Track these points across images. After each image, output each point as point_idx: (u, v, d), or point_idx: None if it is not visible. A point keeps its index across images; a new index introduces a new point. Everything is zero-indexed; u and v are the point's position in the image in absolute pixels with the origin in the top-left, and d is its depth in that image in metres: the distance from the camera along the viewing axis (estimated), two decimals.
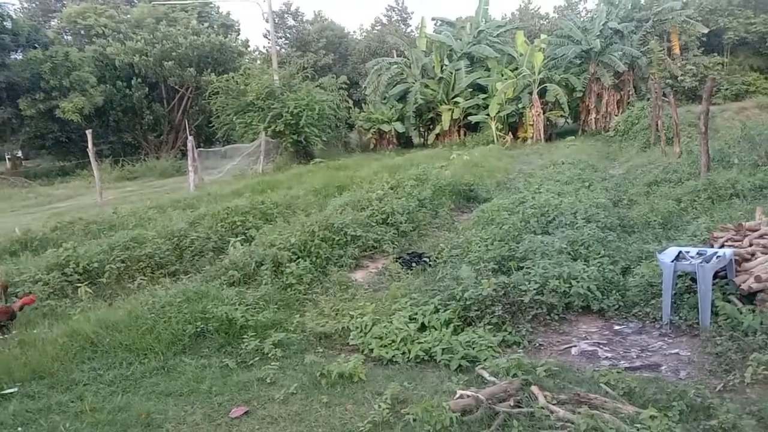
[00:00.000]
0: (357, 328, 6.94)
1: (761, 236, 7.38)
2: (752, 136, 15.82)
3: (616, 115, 28.64)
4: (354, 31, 59.87)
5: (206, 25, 41.44)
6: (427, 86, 33.36)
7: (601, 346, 6.42)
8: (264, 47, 52.28)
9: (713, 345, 5.94)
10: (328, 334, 7.09)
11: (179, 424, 5.38)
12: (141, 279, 9.53)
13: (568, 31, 31.96)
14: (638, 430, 4.45)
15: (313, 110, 28.22)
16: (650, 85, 23.88)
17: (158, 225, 11.90)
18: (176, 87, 39.74)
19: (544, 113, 29.97)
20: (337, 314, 7.52)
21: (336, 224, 10.65)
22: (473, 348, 6.25)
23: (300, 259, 9.29)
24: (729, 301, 6.54)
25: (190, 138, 22.60)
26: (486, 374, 5.75)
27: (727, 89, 35.15)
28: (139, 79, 38.10)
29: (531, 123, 29.85)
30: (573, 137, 28.91)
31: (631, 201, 12.64)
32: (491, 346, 6.29)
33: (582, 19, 36.07)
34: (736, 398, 5.07)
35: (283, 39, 52.87)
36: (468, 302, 7.10)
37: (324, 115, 29.28)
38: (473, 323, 6.88)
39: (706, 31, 34.01)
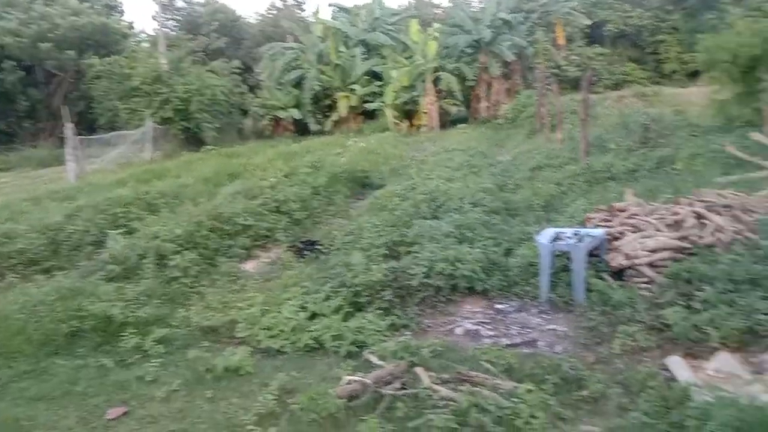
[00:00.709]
0: (245, 319, 6.78)
1: (630, 216, 7.91)
2: (627, 123, 16.94)
3: (504, 104, 29.74)
4: (248, 16, 58.19)
5: (87, 4, 38.78)
6: (323, 73, 33.07)
7: (484, 325, 6.66)
8: (154, 30, 49.76)
9: (586, 320, 6.31)
10: (214, 327, 6.89)
11: (50, 429, 5.05)
12: (12, 277, 8.81)
13: (460, 21, 32.70)
14: (516, 404, 4.64)
15: (204, 95, 27.23)
16: (536, 74, 24.95)
17: (32, 218, 11.05)
18: (54, 71, 36.96)
19: (438, 101, 30.59)
20: (224, 306, 7.31)
21: (225, 213, 10.34)
22: (363, 333, 6.28)
23: (186, 251, 8.93)
24: (601, 278, 6.97)
25: (70, 125, 21.12)
26: (374, 358, 5.79)
27: (607, 79, 37.30)
28: (13, 62, 35.06)
29: (425, 111, 30.38)
30: (465, 125, 29.73)
31: (516, 185, 13.16)
32: (380, 331, 6.36)
33: (473, 9, 37.05)
34: (606, 369, 5.41)
35: (173, 21, 50.51)
36: (358, 288, 7.13)
37: (216, 101, 28.32)
38: (363, 309, 6.90)
39: (588, 23, 35.99)
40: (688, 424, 4.11)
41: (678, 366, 5.19)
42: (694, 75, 31.23)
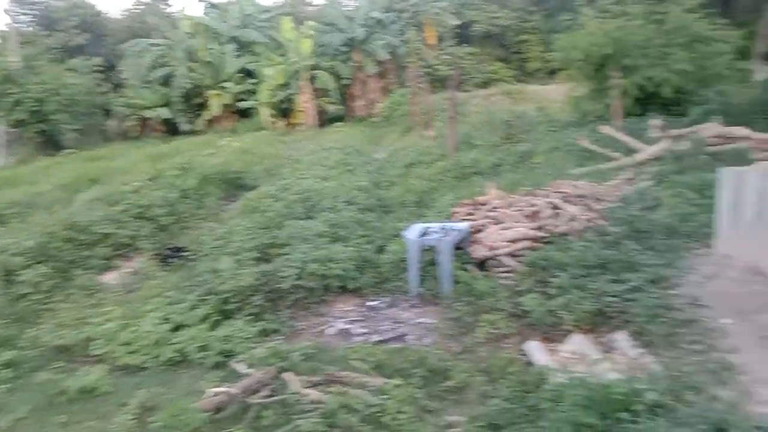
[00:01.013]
0: (102, 336, 6.33)
1: (492, 209, 8.24)
2: (493, 120, 17.74)
3: (379, 102, 30.16)
4: (111, 12, 54.75)
5: None
6: (193, 70, 31.78)
7: (356, 323, 6.67)
8: (6, 25, 45.37)
9: (453, 311, 6.49)
10: (67, 346, 6.37)
11: None
12: None
13: (334, 19, 32.73)
14: (384, 400, 4.67)
15: (62, 95, 25.24)
16: (409, 73, 25.49)
17: None
18: None
19: (314, 99, 30.42)
20: (79, 323, 6.77)
21: (82, 222, 9.61)
22: (231, 342, 6.07)
23: (38, 265, 8.20)
24: (466, 270, 7.21)
25: None
26: (242, 367, 5.62)
27: (476, 78, 38.80)
28: None
29: (302, 109, 30.12)
30: (342, 123, 29.82)
31: (391, 182, 13.34)
32: (249, 338, 6.17)
33: (347, 8, 37.18)
34: (470, 358, 5.60)
35: (28, 16, 46.37)
36: (227, 295, 6.89)
37: (75, 101, 26.35)
38: (232, 316, 6.68)
39: (456, 23, 37.22)
40: (544, 406, 4.32)
41: (536, 350, 5.47)
42: (554, 73, 33.30)
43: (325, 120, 31.16)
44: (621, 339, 5.43)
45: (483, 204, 8.56)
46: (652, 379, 4.33)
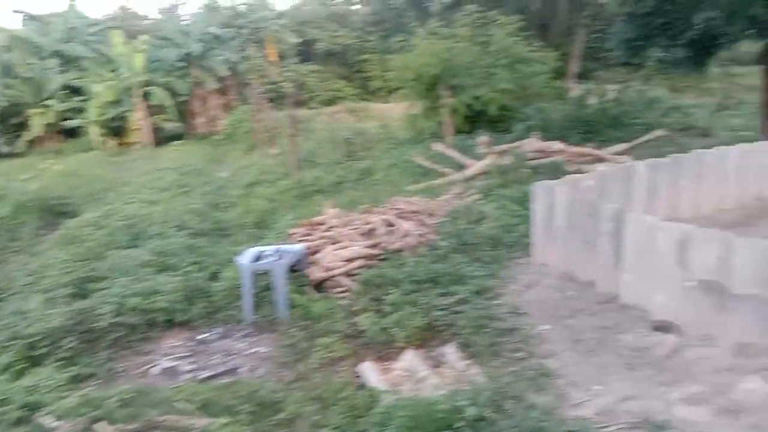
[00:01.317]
0: None
1: (328, 229, 8.19)
2: (335, 137, 17.85)
3: (221, 119, 29.28)
4: None
5: None
6: (10, 87, 28.76)
7: (184, 360, 6.24)
8: None
9: (288, 337, 6.29)
10: None
11: None
12: None
13: (169, 34, 31.34)
14: None
15: None
16: (251, 90, 25.01)
17: None
18: None
19: (150, 117, 28.79)
20: None
21: None
22: (37, 392, 5.38)
23: None
24: (304, 293, 7.06)
25: None
26: (49, 420, 4.98)
27: (321, 95, 39.08)
28: None
29: (136, 127, 28.37)
30: (182, 141, 28.52)
31: (231, 203, 12.89)
32: (59, 386, 5.51)
33: (184, 22, 35.81)
34: (304, 385, 5.42)
35: None
36: (34, 339, 6.13)
37: None
38: (41, 362, 5.95)
39: (297, 41, 37.25)
40: (372, 430, 4.26)
41: (369, 371, 5.43)
42: (394, 92, 34.46)
43: (163, 138, 29.62)
44: (450, 352, 5.56)
45: (320, 224, 8.48)
46: (475, 392, 4.43)
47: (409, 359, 5.60)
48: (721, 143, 10.52)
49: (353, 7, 45.99)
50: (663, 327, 5.23)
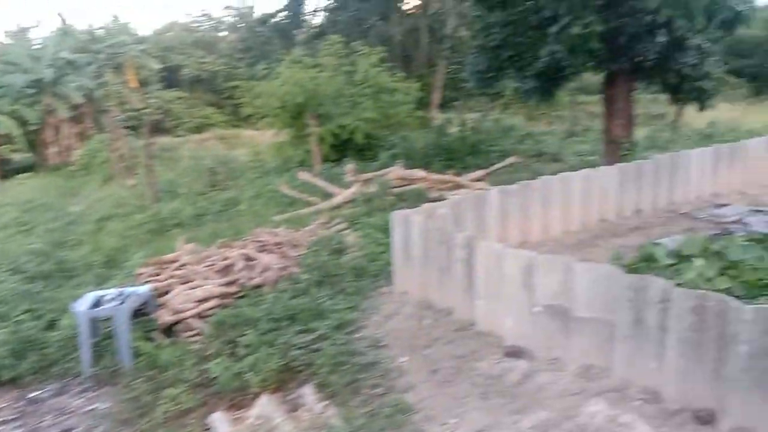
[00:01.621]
0: None
1: (180, 267, 7.68)
2: (199, 166, 17.12)
3: (76, 149, 27.28)
4: None
5: None
6: None
7: (9, 423, 5.49)
8: None
9: (131, 390, 5.73)
10: None
11: None
12: None
13: (16, 59, 28.86)
14: None
15: None
16: (109, 117, 23.53)
17: None
18: None
19: None
20: None
21: None
22: None
23: None
24: (150, 339, 6.51)
25: None
26: None
27: (188, 122, 37.65)
28: None
29: None
30: (31, 173, 26.20)
31: (79, 241, 11.83)
32: None
33: (35, 46, 33.19)
34: None
35: None
36: None
37: None
38: None
39: (159, 66, 35.73)
40: None
41: (219, 422, 5.05)
42: (263, 119, 33.96)
43: (10, 171, 27.09)
44: (307, 393, 5.31)
45: (172, 261, 7.93)
46: None
47: (265, 405, 5.28)
48: (569, 168, 11.24)
49: (220, 34, 45.17)
50: (514, 353, 5.31)
